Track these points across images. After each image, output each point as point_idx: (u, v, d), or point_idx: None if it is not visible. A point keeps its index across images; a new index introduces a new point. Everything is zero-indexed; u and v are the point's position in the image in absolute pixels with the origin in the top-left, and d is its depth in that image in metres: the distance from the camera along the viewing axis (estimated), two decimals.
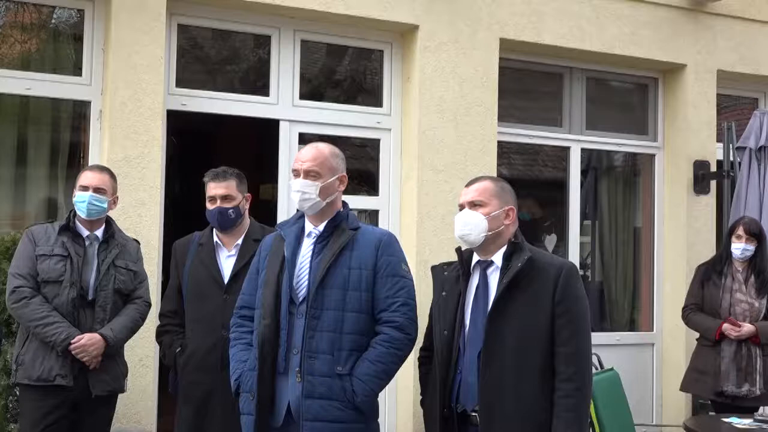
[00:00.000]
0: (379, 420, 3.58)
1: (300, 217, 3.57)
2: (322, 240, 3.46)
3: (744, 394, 5.49)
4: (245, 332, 3.55)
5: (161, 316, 4.57)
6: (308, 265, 3.43)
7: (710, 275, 5.76)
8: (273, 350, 3.38)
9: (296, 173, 3.49)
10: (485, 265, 3.42)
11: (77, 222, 4.26)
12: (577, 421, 3.23)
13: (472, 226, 3.37)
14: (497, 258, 3.39)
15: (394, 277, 3.45)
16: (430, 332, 3.65)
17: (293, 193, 3.47)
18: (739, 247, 5.67)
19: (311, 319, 3.35)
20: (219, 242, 4.41)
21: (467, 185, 3.51)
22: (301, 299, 3.41)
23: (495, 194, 3.42)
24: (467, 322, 3.39)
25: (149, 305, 4.45)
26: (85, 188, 4.24)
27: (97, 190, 4.25)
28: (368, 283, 3.41)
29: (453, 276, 3.50)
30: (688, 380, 5.86)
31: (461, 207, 3.46)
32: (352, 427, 3.37)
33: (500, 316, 3.28)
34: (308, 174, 3.45)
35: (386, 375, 3.43)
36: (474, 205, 3.41)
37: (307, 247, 3.48)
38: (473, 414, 3.32)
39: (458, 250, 3.49)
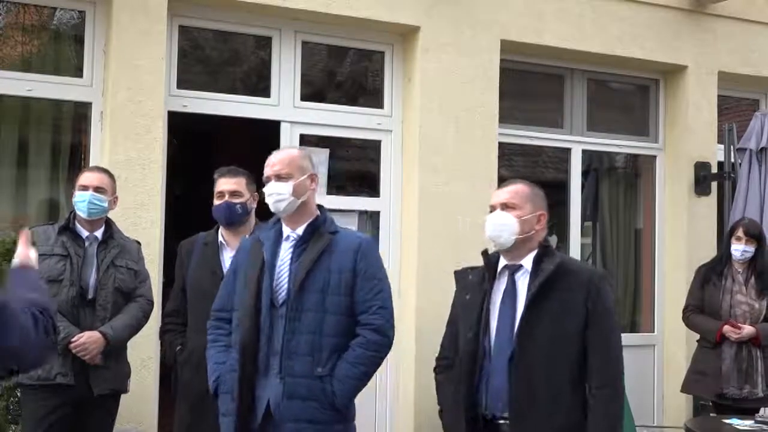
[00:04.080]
0: (367, 425, 3.61)
1: (276, 221, 3.60)
2: (301, 244, 3.50)
3: (745, 395, 5.49)
4: (222, 335, 3.60)
5: (165, 315, 4.58)
6: (287, 269, 3.47)
7: (710, 277, 5.76)
8: (253, 352, 3.42)
9: (267, 179, 3.53)
10: (513, 269, 3.38)
11: (77, 223, 4.26)
12: (611, 429, 3.21)
13: (504, 227, 3.35)
14: (527, 262, 3.35)
15: (372, 281, 3.49)
16: (449, 340, 3.63)
17: (267, 198, 3.51)
18: (739, 249, 5.66)
19: (291, 321, 3.40)
20: (223, 242, 4.42)
21: (500, 187, 3.52)
22: (281, 302, 3.44)
23: (528, 198, 3.40)
24: (493, 326, 3.34)
25: (152, 304, 4.46)
26: (84, 188, 4.25)
27: (97, 189, 4.25)
28: (347, 287, 3.45)
29: (477, 280, 3.48)
30: (688, 381, 5.85)
31: (492, 208, 3.43)
32: (333, 428, 3.42)
33: (532, 322, 3.24)
34: (279, 177, 3.50)
35: (365, 377, 3.48)
36: (506, 207, 3.38)
37: (285, 250, 3.52)
38: (502, 421, 3.28)
39: (485, 253, 3.46)
